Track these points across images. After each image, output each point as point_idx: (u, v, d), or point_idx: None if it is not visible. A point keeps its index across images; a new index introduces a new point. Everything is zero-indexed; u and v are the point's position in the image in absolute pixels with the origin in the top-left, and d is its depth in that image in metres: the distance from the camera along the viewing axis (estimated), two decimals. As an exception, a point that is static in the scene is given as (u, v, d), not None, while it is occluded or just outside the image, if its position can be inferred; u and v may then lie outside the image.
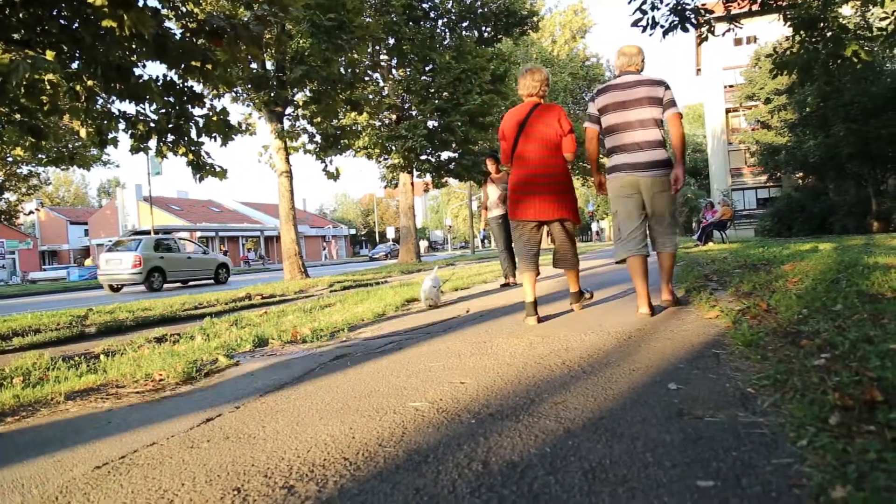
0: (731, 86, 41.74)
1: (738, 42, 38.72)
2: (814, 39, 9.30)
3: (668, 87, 4.42)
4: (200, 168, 8.24)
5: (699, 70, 48.41)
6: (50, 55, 6.37)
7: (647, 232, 4.63)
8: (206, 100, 8.40)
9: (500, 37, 25.78)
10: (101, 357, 4.45)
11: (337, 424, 2.35)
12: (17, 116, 7.70)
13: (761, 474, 1.57)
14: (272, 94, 14.37)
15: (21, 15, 6.67)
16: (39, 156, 24.47)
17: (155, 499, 1.75)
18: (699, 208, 50.85)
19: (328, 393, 2.91)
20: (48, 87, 6.90)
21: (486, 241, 65.61)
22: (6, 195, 32.02)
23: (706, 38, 10.22)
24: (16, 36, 6.94)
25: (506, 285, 8.50)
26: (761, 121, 34.81)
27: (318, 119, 15.44)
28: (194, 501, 1.71)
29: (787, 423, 1.91)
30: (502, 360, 3.34)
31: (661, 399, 2.34)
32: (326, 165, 16.37)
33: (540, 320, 4.68)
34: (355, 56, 14.83)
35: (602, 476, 1.65)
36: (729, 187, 42.05)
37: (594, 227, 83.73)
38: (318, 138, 16.48)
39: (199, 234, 50.25)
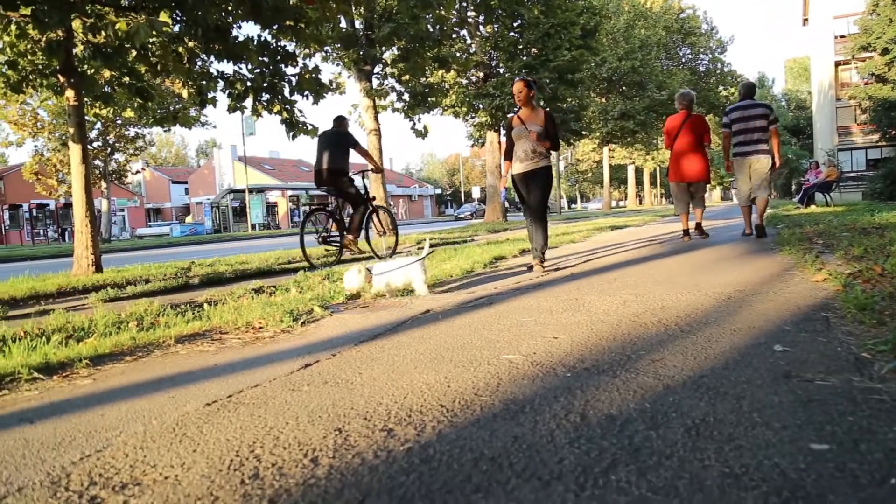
0: (842, 36, 38.64)
1: (853, -13, 35.74)
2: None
3: (772, 110, 7.93)
4: (294, 126, 8.44)
5: (806, 20, 45.13)
6: (164, 16, 6.61)
7: (752, 191, 8.10)
8: (297, 59, 8.55)
9: (591, -11, 24.85)
10: (205, 306, 4.68)
11: (432, 373, 2.39)
12: (127, 80, 8.11)
13: (883, 441, 1.48)
14: (361, 53, 14.46)
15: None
16: (144, 117, 25.79)
17: (262, 435, 1.84)
18: (801, 169, 47.93)
19: (421, 343, 2.96)
20: (157, 49, 7.19)
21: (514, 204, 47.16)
22: (116, 156, 33.96)
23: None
24: (124, 2, 7.27)
25: (532, 267, 6.00)
26: (876, 74, 32.12)
27: (406, 77, 15.45)
28: (298, 439, 1.78)
29: (910, 389, 1.79)
30: (595, 317, 3.29)
31: (766, 360, 2.25)
32: (414, 124, 16.42)
33: (689, 238, 8.28)
34: (443, 13, 14.65)
35: (706, 433, 1.60)
36: (835, 147, 39.38)
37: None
38: (406, 96, 16.51)
39: (289, 192, 51.88)
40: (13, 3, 6.13)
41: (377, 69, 15.79)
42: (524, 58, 21.59)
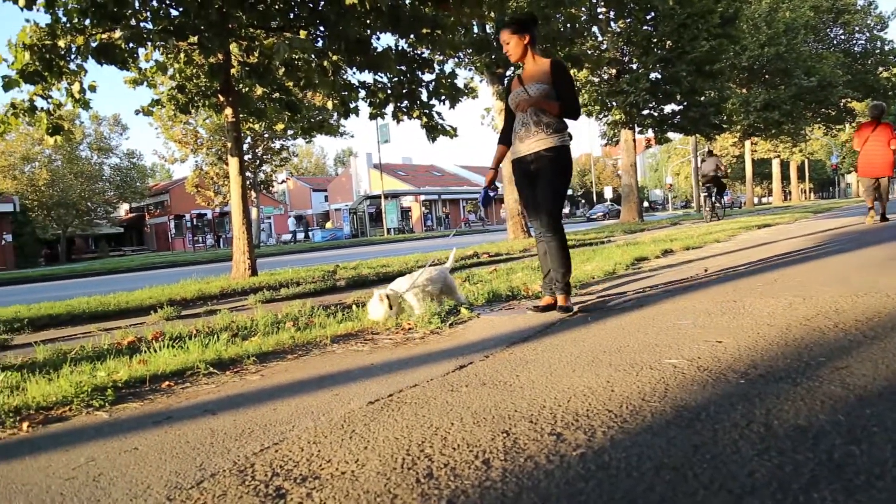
0: None
1: None
2: None
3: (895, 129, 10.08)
4: (433, 129, 8.64)
5: None
6: (303, 34, 7.01)
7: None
8: (434, 65, 8.75)
9: (730, -27, 23.39)
10: (353, 307, 4.87)
11: (591, 377, 2.32)
12: (277, 95, 8.66)
13: None
14: (493, 56, 14.52)
15: (277, 6, 7.45)
16: (289, 131, 27.46)
17: (429, 435, 1.86)
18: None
19: (575, 346, 2.90)
20: (303, 65, 7.62)
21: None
22: (264, 167, 36.43)
23: None
24: (273, 24, 7.78)
25: (548, 307, 4.05)
26: None
27: (538, 78, 15.31)
28: (466, 440, 1.78)
29: None
30: (760, 320, 3.07)
31: (978, 371, 1.99)
32: (546, 125, 16.24)
33: (875, 218, 10.46)
34: (574, 11, 14.41)
35: (921, 452, 1.43)
36: None
37: (841, 183, 73.72)
38: (537, 98, 16.36)
39: (423, 197, 53.14)
40: (183, 34, 6.72)
41: (509, 72, 15.79)
42: (658, 51, 20.76)
